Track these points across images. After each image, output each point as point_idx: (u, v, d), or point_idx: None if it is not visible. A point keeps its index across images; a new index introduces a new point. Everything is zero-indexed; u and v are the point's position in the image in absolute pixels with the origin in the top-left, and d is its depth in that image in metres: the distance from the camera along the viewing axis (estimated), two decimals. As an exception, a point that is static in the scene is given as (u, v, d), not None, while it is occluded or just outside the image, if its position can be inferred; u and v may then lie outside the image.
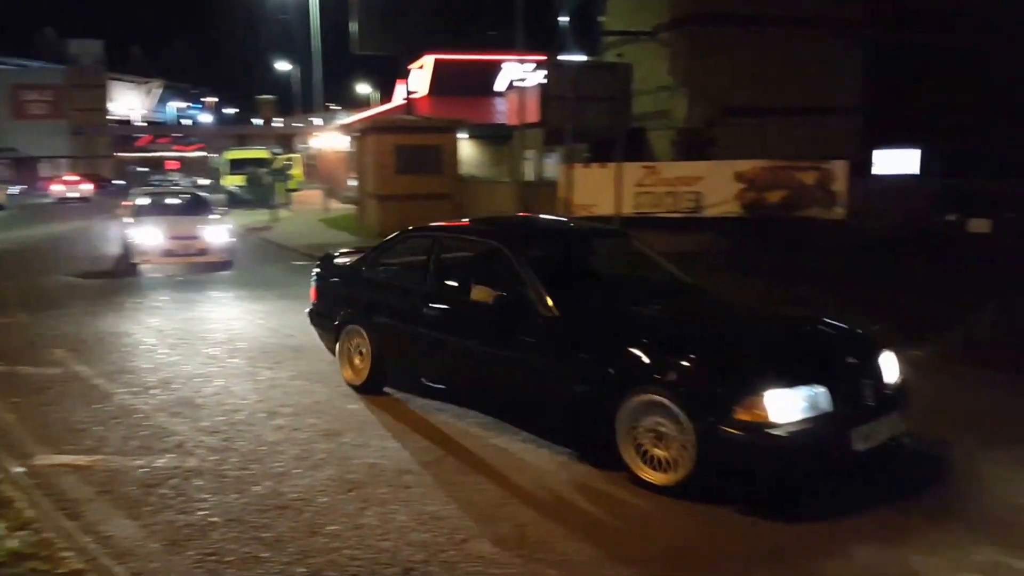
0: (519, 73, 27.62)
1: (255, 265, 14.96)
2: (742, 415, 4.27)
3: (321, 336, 7.29)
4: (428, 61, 30.82)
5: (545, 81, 16.80)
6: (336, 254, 7.63)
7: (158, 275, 13.62)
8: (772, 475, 4.41)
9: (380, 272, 6.85)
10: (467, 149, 25.45)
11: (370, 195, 20.64)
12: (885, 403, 4.72)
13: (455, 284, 6.03)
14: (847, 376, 4.68)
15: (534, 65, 27.38)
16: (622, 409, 4.67)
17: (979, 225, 13.08)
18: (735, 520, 4.37)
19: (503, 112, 23.33)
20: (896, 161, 18.18)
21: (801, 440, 4.27)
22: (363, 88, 60.56)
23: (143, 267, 13.77)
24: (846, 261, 12.23)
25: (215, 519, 4.36)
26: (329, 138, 35.16)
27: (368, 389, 6.53)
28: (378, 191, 19.93)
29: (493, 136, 24.98)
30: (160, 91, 79.26)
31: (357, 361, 6.64)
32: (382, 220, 19.36)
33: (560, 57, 23.86)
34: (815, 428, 4.34)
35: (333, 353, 6.96)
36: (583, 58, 24.78)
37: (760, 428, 4.25)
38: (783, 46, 17.72)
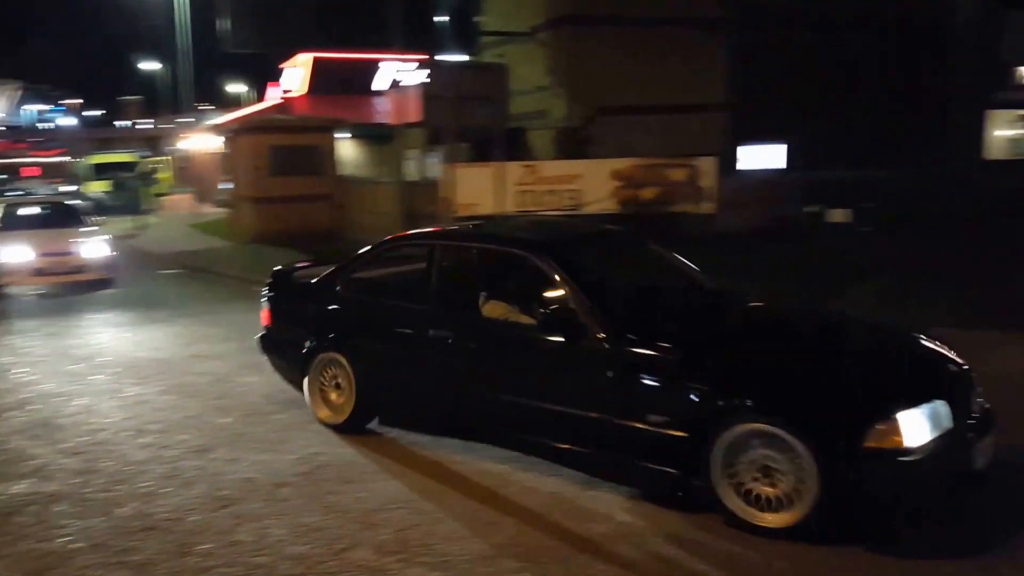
0: (399, 73, 27.40)
1: (120, 275, 14.17)
2: (873, 441, 3.79)
3: (278, 367, 6.24)
4: (306, 59, 30.07)
5: (426, 81, 16.76)
6: (292, 268, 6.63)
7: (23, 296, 12.46)
8: (907, 506, 3.93)
9: (361, 289, 5.83)
10: (348, 149, 25.02)
11: (245, 198, 19.99)
12: (988, 414, 4.34)
13: (471, 300, 5.18)
14: (957, 387, 4.26)
15: (416, 64, 27.20)
16: (719, 442, 4.04)
17: (838, 215, 14.01)
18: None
19: (385, 112, 23.09)
20: (762, 156, 19.15)
21: (933, 463, 3.84)
22: (236, 87, 58.47)
23: (8, 289, 12.26)
24: (715, 253, 12.71)
25: (78, 545, 4.15)
26: (201, 139, 33.76)
27: (351, 428, 5.58)
28: (253, 194, 19.36)
29: (375, 136, 24.65)
30: (19, 94, 73.92)
31: (335, 396, 5.68)
32: (258, 223, 18.84)
33: (440, 57, 23.83)
34: (943, 449, 3.90)
35: (297, 387, 5.95)
36: (464, 58, 24.86)
37: (894, 454, 3.78)
38: (654, 46, 18.29)
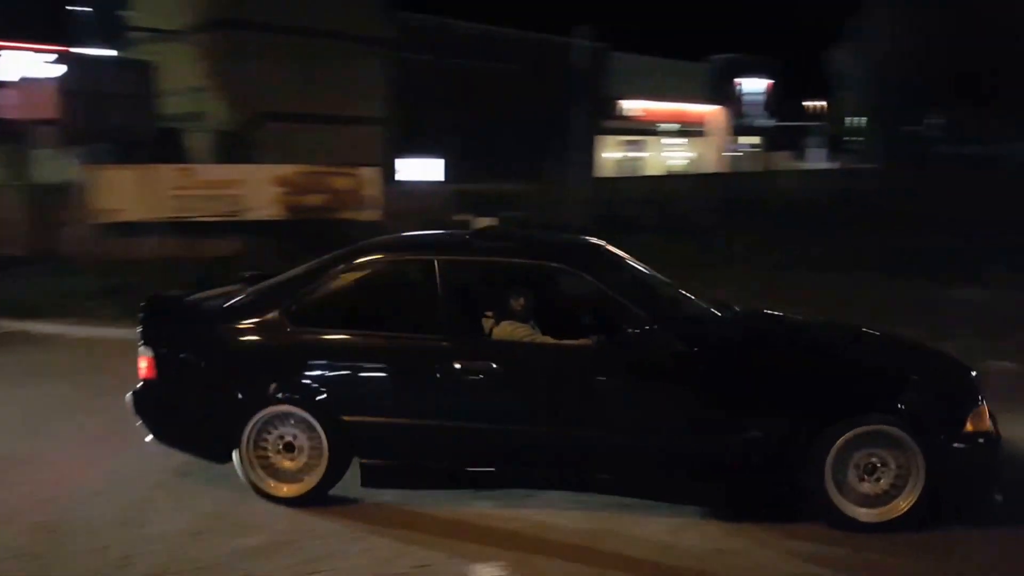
0: (31, 65, 24.37)
1: None
2: (969, 428, 4.09)
3: (171, 436, 4.69)
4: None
5: (63, 75, 15.27)
6: (179, 296, 5.05)
7: None
8: (997, 484, 4.16)
9: (317, 319, 4.54)
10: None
11: None
12: None
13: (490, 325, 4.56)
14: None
15: (54, 57, 24.38)
16: (834, 448, 4.06)
17: (484, 223, 15.28)
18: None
19: (11, 106, 20.40)
20: (421, 168, 20.30)
21: (998, 441, 4.19)
22: None
23: None
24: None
25: None
26: None
27: (316, 498, 4.44)
28: None
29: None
30: None
31: (288, 463, 4.45)
32: None
33: (81, 50, 21.69)
34: (995, 427, 4.26)
35: (210, 457, 4.63)
36: (111, 53, 22.91)
37: (981, 436, 4.10)
38: (316, 57, 18.50)
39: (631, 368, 4.23)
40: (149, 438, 4.69)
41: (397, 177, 19.33)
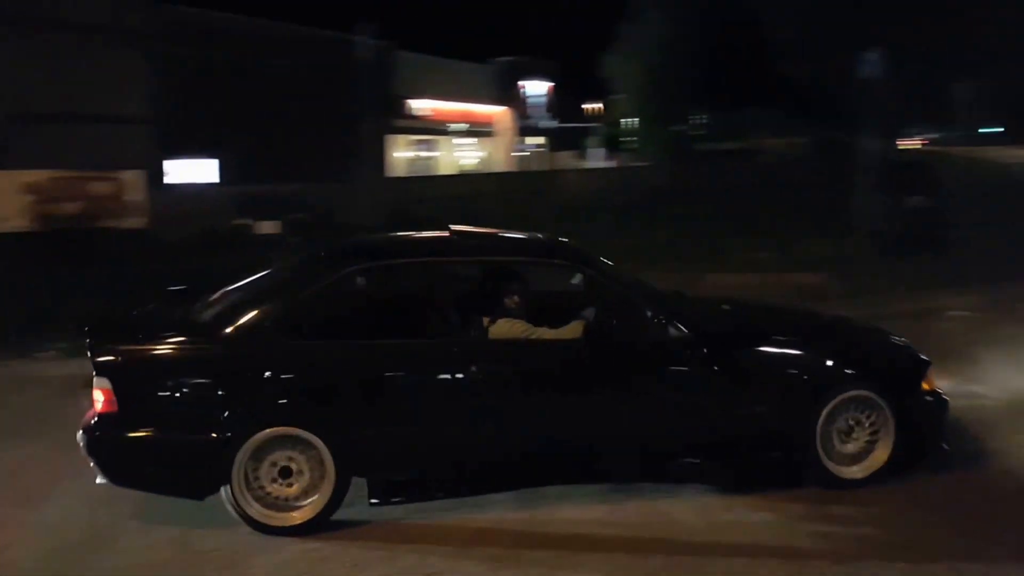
0: None
1: None
2: (925, 387, 4.70)
3: (140, 476, 4.14)
4: None
5: None
6: (134, 315, 4.65)
7: None
8: (944, 435, 4.79)
9: (317, 331, 4.30)
10: None
11: None
12: None
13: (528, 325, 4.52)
14: None
15: None
16: (822, 417, 4.50)
17: (267, 226, 14.72)
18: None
19: None
20: (193, 170, 19.10)
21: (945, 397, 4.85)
22: None
23: None
24: (154, 266, 12.28)
25: None
26: None
27: (322, 524, 4.09)
28: None
29: None
30: None
31: (287, 490, 4.08)
32: None
33: None
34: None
35: (188, 495, 4.14)
36: None
37: (933, 395, 4.73)
38: (69, 51, 16.94)
39: (641, 358, 4.45)
40: (100, 480, 4.10)
41: (167, 180, 18.04)
